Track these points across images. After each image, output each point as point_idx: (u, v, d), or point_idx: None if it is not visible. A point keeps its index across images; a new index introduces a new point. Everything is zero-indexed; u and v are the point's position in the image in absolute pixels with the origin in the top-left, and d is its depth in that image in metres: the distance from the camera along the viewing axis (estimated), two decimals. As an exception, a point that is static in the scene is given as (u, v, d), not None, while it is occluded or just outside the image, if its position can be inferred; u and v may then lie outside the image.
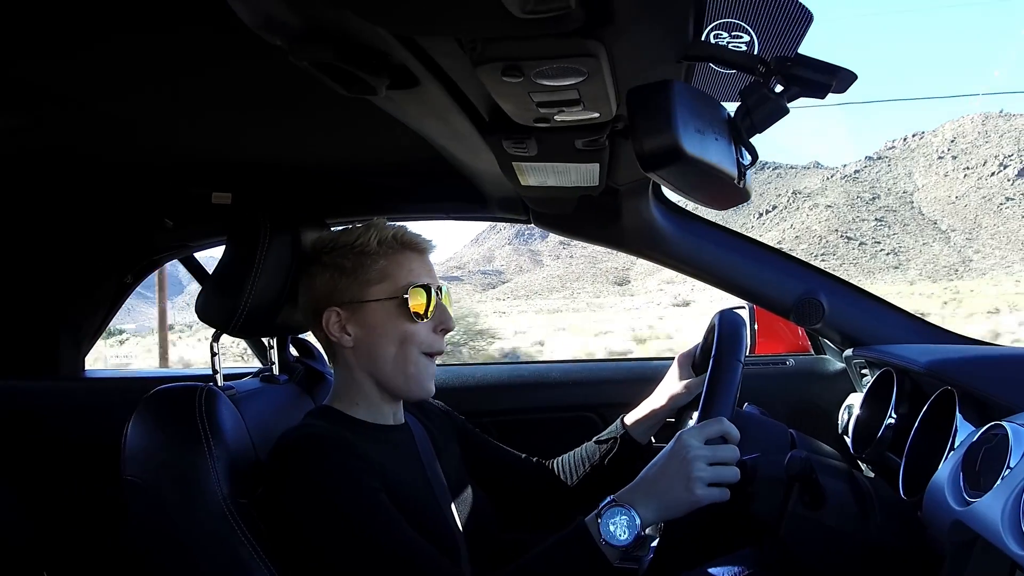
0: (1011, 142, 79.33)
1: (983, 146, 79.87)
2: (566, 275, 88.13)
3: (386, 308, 1.24)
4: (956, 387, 1.28)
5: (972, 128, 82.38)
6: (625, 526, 1.08)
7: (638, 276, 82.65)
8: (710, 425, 1.17)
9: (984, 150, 79.51)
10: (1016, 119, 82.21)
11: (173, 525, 1.13)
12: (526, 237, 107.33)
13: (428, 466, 1.31)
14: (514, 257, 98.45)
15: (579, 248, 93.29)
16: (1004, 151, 78.63)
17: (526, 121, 1.05)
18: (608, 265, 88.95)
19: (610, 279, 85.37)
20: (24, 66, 1.14)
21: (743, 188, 0.93)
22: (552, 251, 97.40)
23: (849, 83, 0.83)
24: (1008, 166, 76.65)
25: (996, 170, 76.51)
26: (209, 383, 1.24)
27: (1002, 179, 74.27)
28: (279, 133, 1.54)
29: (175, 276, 24.51)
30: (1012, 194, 71.97)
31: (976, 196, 68.38)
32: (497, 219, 1.95)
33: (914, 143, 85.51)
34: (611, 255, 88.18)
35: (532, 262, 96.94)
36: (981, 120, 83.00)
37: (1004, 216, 76.16)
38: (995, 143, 79.99)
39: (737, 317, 1.32)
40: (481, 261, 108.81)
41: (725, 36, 0.86)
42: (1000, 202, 65.91)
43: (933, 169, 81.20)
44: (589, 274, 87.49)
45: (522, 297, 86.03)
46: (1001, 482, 0.93)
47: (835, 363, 2.03)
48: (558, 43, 0.77)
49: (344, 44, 0.86)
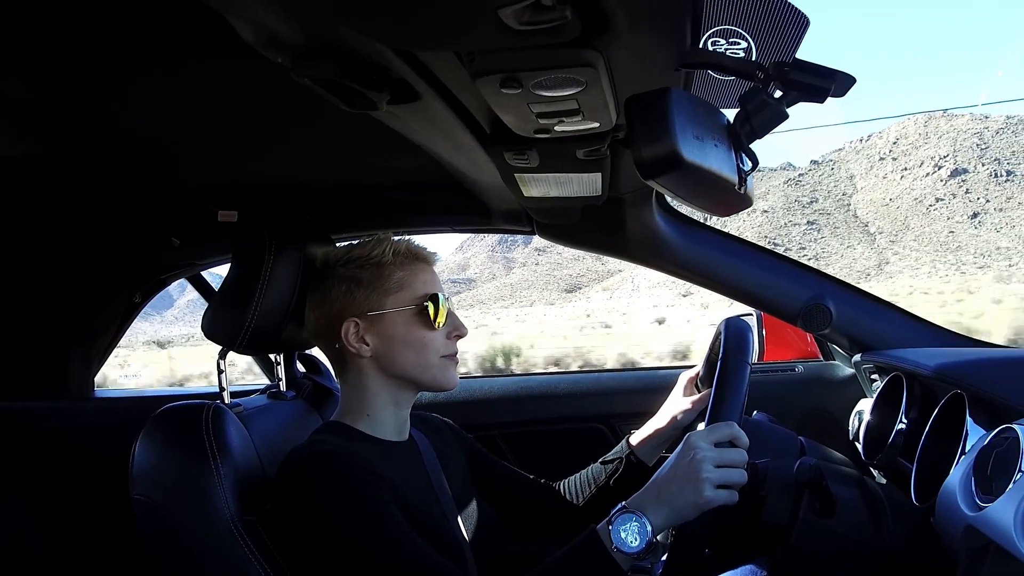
0: (948, 143, 79.05)
1: (923, 147, 79.65)
2: (518, 283, 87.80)
3: (404, 317, 1.25)
4: (966, 390, 1.27)
5: (915, 129, 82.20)
6: (636, 532, 1.08)
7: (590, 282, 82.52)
8: (719, 428, 1.16)
9: (923, 151, 79.29)
10: (957, 119, 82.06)
11: (181, 543, 1.13)
12: (509, 244, 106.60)
13: (435, 480, 1.31)
14: (488, 265, 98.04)
15: (550, 255, 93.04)
16: (941, 152, 78.48)
17: (527, 132, 1.05)
18: (563, 272, 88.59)
19: (561, 286, 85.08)
20: (31, 85, 1.16)
21: (744, 194, 0.92)
22: (526, 258, 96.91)
23: (848, 87, 0.83)
24: (942, 167, 76.43)
25: (931, 171, 76.34)
26: (216, 401, 1.25)
27: (935, 180, 74.04)
28: (285, 151, 1.55)
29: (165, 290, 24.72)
30: (943, 194, 71.66)
31: (909, 198, 68.12)
32: (501, 231, 1.95)
33: (860, 146, 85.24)
34: (570, 263, 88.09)
35: (504, 269, 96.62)
36: (924, 121, 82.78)
37: (931, 217, 76.00)
38: (934, 144, 79.79)
39: (743, 322, 1.32)
40: (456, 269, 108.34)
41: (723, 43, 0.86)
42: (930, 203, 65.66)
43: (874, 171, 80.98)
44: (542, 282, 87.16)
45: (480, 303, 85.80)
46: (1013, 486, 0.92)
47: (844, 369, 2.02)
48: (555, 54, 0.78)
49: (345, 60, 0.87)
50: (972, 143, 78.40)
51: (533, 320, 62.69)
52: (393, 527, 1.10)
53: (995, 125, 79.79)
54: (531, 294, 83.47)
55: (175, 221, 1.93)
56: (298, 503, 1.11)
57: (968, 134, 79.15)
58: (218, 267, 2.16)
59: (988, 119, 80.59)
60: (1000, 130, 79.24)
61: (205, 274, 2.23)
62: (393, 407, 1.29)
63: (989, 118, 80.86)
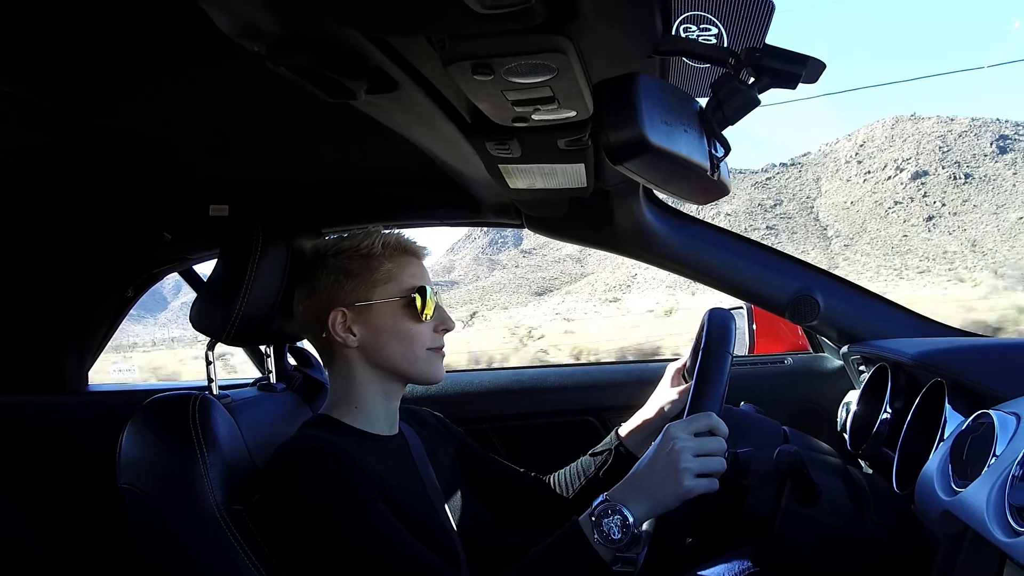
0: (912, 145, 78.24)
1: (887, 150, 78.81)
2: (490, 286, 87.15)
3: (392, 309, 1.26)
4: (945, 378, 1.27)
5: (882, 132, 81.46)
6: (618, 524, 1.08)
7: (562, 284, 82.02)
8: (698, 418, 1.17)
9: (887, 154, 78.45)
10: (923, 122, 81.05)
11: (168, 532, 1.14)
12: (499, 246, 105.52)
13: (423, 473, 1.32)
14: (473, 267, 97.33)
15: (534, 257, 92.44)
16: (904, 155, 77.66)
17: (505, 121, 1.05)
18: (538, 275, 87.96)
19: (532, 289, 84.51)
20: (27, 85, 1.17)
21: (719, 181, 0.93)
22: (510, 260, 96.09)
23: (819, 72, 0.84)
24: (904, 170, 75.62)
25: (893, 174, 75.56)
26: (204, 392, 1.26)
27: (896, 183, 73.33)
28: (276, 147, 1.56)
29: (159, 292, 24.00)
30: (901, 197, 71.01)
31: (870, 200, 67.51)
32: (490, 224, 1.96)
33: (828, 148, 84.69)
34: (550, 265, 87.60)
35: (488, 271, 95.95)
36: (891, 123, 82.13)
37: (888, 220, 75.12)
38: (898, 147, 78.96)
39: (725, 313, 1.32)
40: (442, 271, 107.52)
41: (694, 29, 0.87)
42: (889, 206, 65.09)
43: (839, 174, 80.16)
44: (514, 284, 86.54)
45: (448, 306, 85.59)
46: (987, 470, 0.93)
47: (833, 361, 2.02)
48: (524, 39, 0.78)
49: (320, 48, 0.87)
50: (935, 146, 77.83)
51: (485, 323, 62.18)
52: (380, 521, 1.10)
53: (959, 128, 79.25)
54: (502, 297, 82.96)
55: (167, 216, 1.93)
56: (286, 497, 1.12)
57: (932, 137, 78.64)
58: (210, 262, 2.17)
59: (954, 121, 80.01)
60: (963, 132, 78.73)
61: (197, 269, 2.24)
62: (383, 399, 1.30)
63: (955, 120, 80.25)
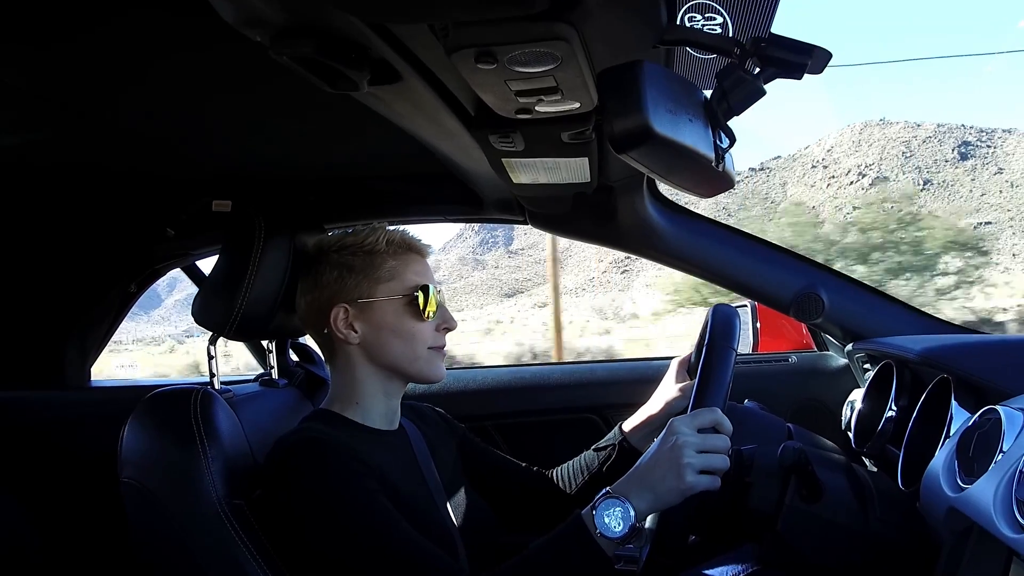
0: (877, 150, 77.66)
1: (853, 155, 78.13)
2: (463, 287, 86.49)
3: (394, 306, 1.26)
4: (952, 374, 1.27)
5: (850, 137, 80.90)
6: (620, 517, 1.08)
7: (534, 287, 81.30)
8: (702, 414, 1.16)
9: (852, 159, 77.64)
10: (891, 127, 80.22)
11: (169, 526, 1.13)
12: (489, 245, 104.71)
13: (424, 468, 1.32)
14: (458, 267, 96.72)
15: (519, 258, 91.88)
16: (867, 160, 77.07)
17: (508, 113, 1.05)
18: (512, 277, 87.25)
19: (503, 291, 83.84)
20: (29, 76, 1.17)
21: (725, 172, 0.92)
22: (495, 260, 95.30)
23: (825, 62, 0.83)
24: (866, 175, 74.96)
25: (855, 179, 75.04)
26: (206, 386, 1.25)
27: (857, 188, 72.74)
28: (279, 142, 1.56)
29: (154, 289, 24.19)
30: (859, 203, 71.17)
31: (830, 206, 67.08)
32: (493, 220, 1.95)
33: (797, 153, 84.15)
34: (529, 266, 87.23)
35: (472, 271, 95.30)
36: (860, 128, 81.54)
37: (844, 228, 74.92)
38: (864, 152, 78.30)
39: (730, 309, 1.31)
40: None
41: (699, 18, 0.86)
42: (847, 212, 65.05)
43: (805, 179, 79.52)
44: (487, 285, 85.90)
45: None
46: (994, 466, 0.92)
47: (838, 359, 2.01)
48: (528, 27, 0.77)
49: (322, 38, 0.87)
50: (899, 151, 77.37)
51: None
52: (381, 514, 1.10)
53: (924, 133, 78.70)
54: (473, 298, 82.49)
55: (170, 212, 1.93)
56: (286, 490, 1.12)
57: (897, 142, 78.08)
58: (213, 257, 2.17)
59: (920, 127, 79.54)
60: (928, 138, 78.18)
61: (200, 264, 2.24)
62: (383, 396, 1.29)
63: (920, 126, 79.76)
